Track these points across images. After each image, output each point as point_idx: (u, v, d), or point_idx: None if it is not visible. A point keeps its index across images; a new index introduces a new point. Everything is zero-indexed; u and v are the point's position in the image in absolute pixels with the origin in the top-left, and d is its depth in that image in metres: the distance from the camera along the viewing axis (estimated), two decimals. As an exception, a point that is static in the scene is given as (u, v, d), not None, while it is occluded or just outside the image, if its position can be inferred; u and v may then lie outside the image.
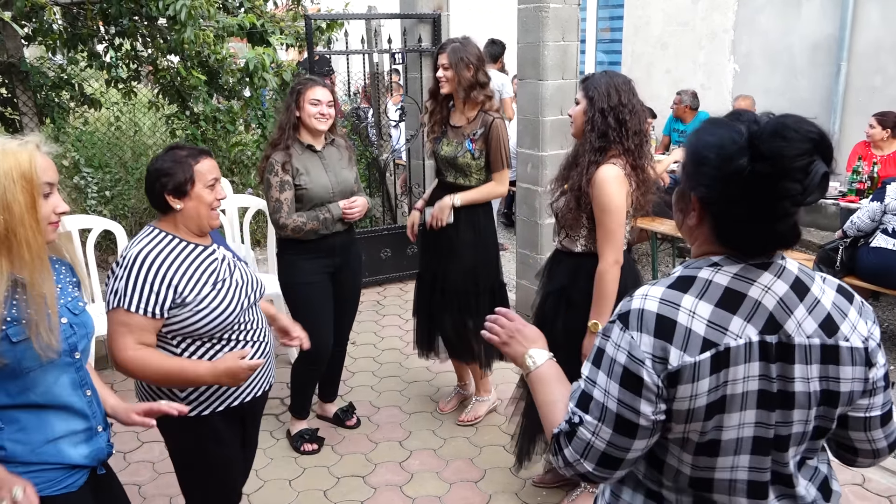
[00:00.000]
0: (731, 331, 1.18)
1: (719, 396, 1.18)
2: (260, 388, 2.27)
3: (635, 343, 1.20)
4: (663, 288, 1.24)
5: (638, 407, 1.19)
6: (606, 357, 1.24)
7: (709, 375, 1.17)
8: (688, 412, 1.19)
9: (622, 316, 1.24)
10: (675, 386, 1.18)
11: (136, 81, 5.22)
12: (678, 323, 1.19)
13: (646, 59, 8.29)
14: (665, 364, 1.17)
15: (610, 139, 2.49)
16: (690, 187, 1.24)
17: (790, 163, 1.11)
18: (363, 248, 5.39)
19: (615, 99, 2.48)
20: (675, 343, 1.18)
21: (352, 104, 7.56)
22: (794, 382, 1.20)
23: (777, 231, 1.17)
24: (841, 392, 1.23)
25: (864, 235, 4.45)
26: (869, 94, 6.41)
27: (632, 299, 1.25)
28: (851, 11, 6.39)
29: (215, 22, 4.61)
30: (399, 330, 4.82)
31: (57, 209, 1.61)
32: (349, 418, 3.63)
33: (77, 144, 5.86)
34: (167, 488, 3.11)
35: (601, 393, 1.23)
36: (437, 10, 5.48)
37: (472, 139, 3.29)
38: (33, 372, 1.59)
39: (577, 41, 4.44)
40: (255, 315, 2.23)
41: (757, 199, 1.14)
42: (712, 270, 1.23)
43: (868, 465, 1.40)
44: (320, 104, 3.08)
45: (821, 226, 6.65)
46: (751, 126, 1.16)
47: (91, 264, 4.00)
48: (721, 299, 1.20)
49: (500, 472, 3.24)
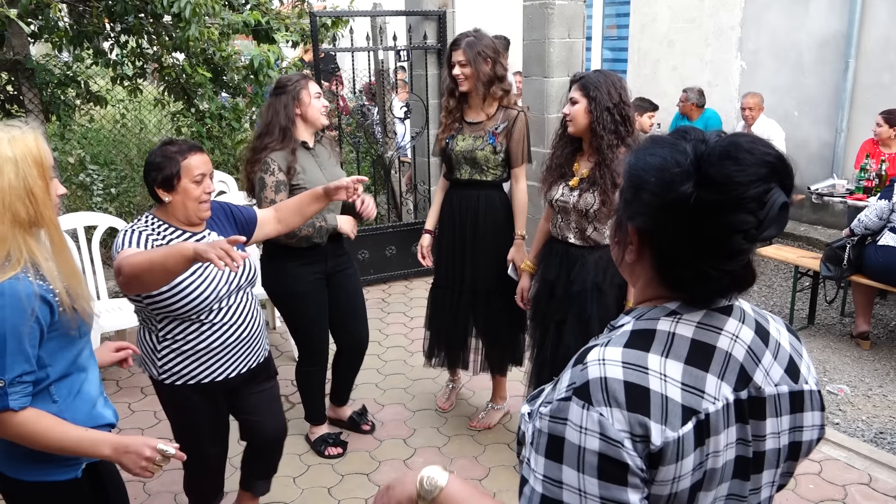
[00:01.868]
0: (708, 392, 0.99)
1: (701, 474, 0.99)
2: (235, 370, 2.40)
3: (606, 421, 0.95)
4: (620, 348, 1.01)
5: (627, 500, 0.94)
6: (569, 446, 0.96)
7: (693, 451, 0.97)
8: (669, 496, 0.97)
9: (579, 390, 0.98)
10: (656, 467, 0.96)
11: (141, 79, 5.21)
12: (651, 390, 0.97)
13: (652, 56, 8.26)
14: (647, 443, 0.95)
15: (621, 134, 2.62)
16: (628, 216, 1.04)
17: (743, 190, 0.93)
18: (368, 245, 5.42)
19: (616, 97, 2.61)
20: (653, 416, 0.95)
21: (357, 101, 7.55)
22: (765, 441, 1.04)
23: (728, 270, 0.98)
24: (803, 442, 1.09)
25: (871, 234, 4.43)
26: (877, 91, 6.37)
27: (585, 367, 1.00)
28: (859, 8, 6.35)
29: (220, 19, 4.61)
30: (404, 328, 4.81)
31: (59, 191, 1.70)
32: (364, 422, 3.56)
33: (83, 142, 5.88)
34: (172, 485, 3.12)
35: (574, 495, 0.95)
36: (443, 6, 5.47)
37: (494, 133, 3.21)
38: (84, 337, 1.73)
39: (583, 38, 4.43)
40: (238, 299, 2.36)
41: (703, 233, 0.96)
42: (671, 320, 1.03)
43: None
44: (321, 97, 3.08)
45: (828, 224, 6.62)
46: (698, 146, 0.98)
47: (97, 261, 4.01)
48: (689, 355, 1.00)
49: (504, 469, 3.23)
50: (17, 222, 1.56)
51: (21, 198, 1.55)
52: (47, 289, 1.59)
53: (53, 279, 1.60)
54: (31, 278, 1.57)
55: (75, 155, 5.35)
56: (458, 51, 3.15)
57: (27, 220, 1.58)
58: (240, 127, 5.23)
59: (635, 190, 1.02)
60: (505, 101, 3.25)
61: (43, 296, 1.57)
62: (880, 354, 4.52)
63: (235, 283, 2.33)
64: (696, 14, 7.77)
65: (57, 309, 1.60)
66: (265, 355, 2.55)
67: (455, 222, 3.37)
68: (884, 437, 3.60)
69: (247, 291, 2.42)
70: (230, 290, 2.32)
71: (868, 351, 4.54)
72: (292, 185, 2.99)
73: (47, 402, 1.66)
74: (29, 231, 1.59)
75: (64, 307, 1.61)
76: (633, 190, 1.02)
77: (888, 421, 3.75)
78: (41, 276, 1.60)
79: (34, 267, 1.59)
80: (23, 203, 1.56)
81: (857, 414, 3.83)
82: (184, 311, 2.23)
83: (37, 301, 1.56)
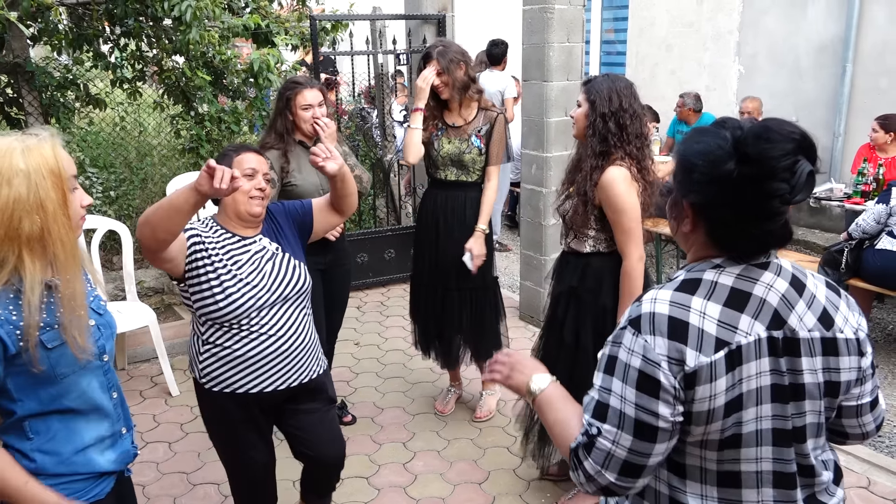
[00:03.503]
0: (741, 329, 1.22)
1: (736, 394, 1.21)
2: (273, 384, 2.28)
3: (649, 346, 1.21)
4: (671, 291, 1.26)
5: (656, 409, 1.20)
6: (620, 363, 1.24)
7: (725, 374, 1.20)
8: (708, 413, 1.21)
9: (633, 321, 1.25)
10: (692, 387, 1.20)
11: (141, 82, 5.20)
12: (690, 324, 1.21)
13: (650, 60, 8.28)
14: (682, 366, 1.19)
15: (610, 144, 2.53)
16: (682, 194, 1.28)
17: (775, 163, 1.16)
18: (367, 249, 5.42)
19: (616, 104, 2.52)
20: (689, 344, 1.20)
21: (356, 105, 7.56)
22: (803, 374, 1.25)
23: (769, 230, 1.21)
24: (841, 382, 1.28)
25: (869, 238, 4.44)
26: (875, 95, 6.39)
27: (640, 304, 1.27)
28: (857, 12, 6.37)
29: (220, 23, 4.61)
30: (403, 331, 4.81)
31: (83, 202, 1.60)
32: (344, 415, 3.64)
33: (82, 144, 5.87)
34: (171, 489, 3.12)
35: (617, 400, 1.23)
36: (442, 10, 5.48)
37: (478, 135, 3.31)
38: (67, 378, 1.56)
39: (583, 42, 4.44)
40: (285, 311, 2.27)
41: (746, 201, 1.19)
42: (715, 272, 1.27)
43: (855, 444, 1.50)
44: (311, 108, 3.06)
45: (826, 228, 6.63)
46: (735, 131, 1.21)
47: (96, 264, 4.00)
48: (728, 299, 1.23)
49: (504, 473, 3.23)
50: (14, 237, 1.46)
51: (29, 212, 1.46)
52: (7, 319, 1.46)
53: (29, 309, 1.47)
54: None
55: (74, 157, 5.33)
56: (431, 62, 3.25)
57: (30, 235, 1.47)
58: (239, 130, 5.22)
59: (687, 172, 1.25)
60: (483, 104, 3.37)
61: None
62: (878, 359, 4.54)
63: (280, 292, 2.25)
64: (694, 18, 7.79)
65: (14, 343, 1.47)
66: (315, 375, 2.40)
67: (439, 220, 3.45)
68: (882, 441, 3.61)
69: (297, 305, 2.32)
70: (274, 299, 2.24)
71: (866, 355, 4.56)
72: (284, 183, 3.10)
73: (21, 437, 1.56)
74: (30, 246, 1.48)
75: (26, 343, 1.47)
76: (685, 172, 1.25)
77: (886, 424, 3.76)
78: (17, 302, 1.48)
79: (16, 291, 1.48)
80: (30, 217, 1.46)
81: (856, 418, 3.83)
82: (224, 316, 2.19)
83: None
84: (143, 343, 4.31)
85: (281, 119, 3.11)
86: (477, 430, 3.59)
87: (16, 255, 1.47)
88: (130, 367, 4.32)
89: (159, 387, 4.05)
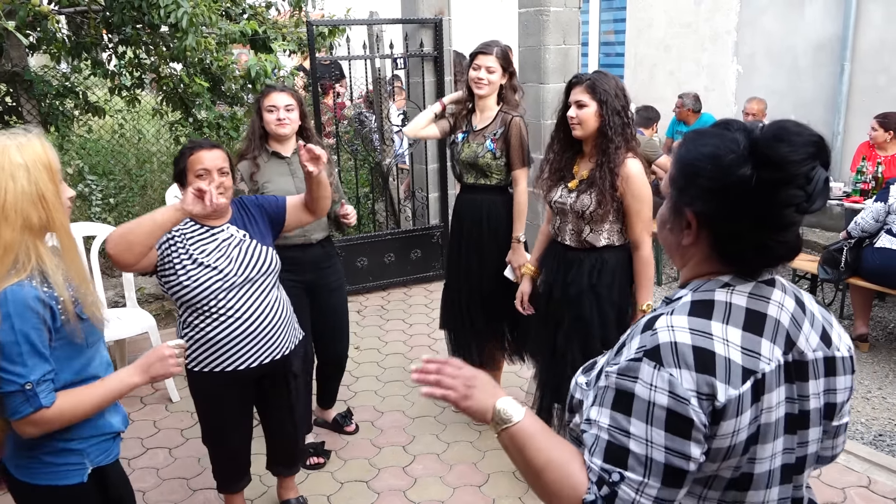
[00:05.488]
0: (764, 355, 1.11)
1: (756, 428, 1.11)
2: (249, 361, 2.47)
3: (676, 381, 1.07)
4: (685, 316, 1.13)
5: (689, 452, 1.07)
6: (639, 401, 1.09)
7: (750, 406, 1.09)
8: (728, 449, 1.10)
9: (650, 352, 1.10)
10: (718, 423, 1.08)
11: (139, 89, 5.22)
12: (717, 354, 1.09)
13: (649, 61, 8.28)
14: (712, 401, 1.07)
15: (627, 137, 2.67)
16: (685, 203, 1.16)
17: (796, 168, 1.06)
18: (367, 253, 5.43)
19: (623, 100, 2.66)
20: (718, 377, 1.07)
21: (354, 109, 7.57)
22: (809, 400, 1.16)
23: (784, 241, 1.11)
24: (837, 403, 1.20)
25: (868, 236, 4.44)
26: (873, 94, 6.39)
27: (655, 332, 1.12)
28: (854, 11, 6.38)
29: (217, 29, 4.63)
30: (403, 335, 4.82)
31: (68, 194, 1.72)
32: (348, 424, 3.62)
33: (81, 152, 5.89)
34: (171, 494, 3.12)
35: (641, 444, 1.08)
36: (439, 14, 5.49)
37: (493, 139, 3.31)
38: (93, 346, 1.75)
39: (579, 44, 4.45)
40: (254, 290, 2.44)
41: (762, 210, 1.08)
42: (726, 292, 1.15)
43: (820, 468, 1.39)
44: (276, 110, 3.04)
45: (825, 226, 6.63)
46: (749, 133, 1.10)
47: (95, 271, 4.01)
48: (745, 322, 1.13)
49: (503, 476, 3.23)
50: (28, 228, 1.59)
51: (34, 203, 1.58)
52: (51, 295, 1.61)
53: (59, 287, 1.62)
54: (36, 284, 1.59)
55: (74, 165, 5.36)
56: (488, 56, 3.25)
57: (39, 225, 1.61)
58: (237, 136, 5.24)
59: (690, 178, 1.13)
60: (505, 107, 3.35)
61: (46, 301, 1.60)
62: (879, 357, 4.53)
63: (246, 274, 2.42)
64: (692, 19, 7.80)
65: (60, 316, 1.62)
66: (288, 350, 2.60)
67: (463, 225, 3.49)
68: (883, 440, 3.60)
69: (264, 285, 2.48)
70: (241, 282, 2.41)
71: (867, 353, 4.55)
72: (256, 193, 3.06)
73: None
74: (40, 236, 1.62)
75: (67, 316, 1.63)
76: (687, 178, 1.14)
77: (887, 423, 3.75)
78: (48, 283, 1.62)
79: (41, 274, 1.61)
80: (35, 208, 1.59)
81: (856, 416, 3.83)
82: (193, 299, 2.37)
83: (42, 305, 1.59)
84: (143, 349, 4.27)
85: (252, 128, 3.14)
86: (476, 434, 3.58)
87: (32, 244, 1.61)
88: (131, 373, 4.32)
89: (159, 393, 4.05)
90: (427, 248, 5.62)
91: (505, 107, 3.34)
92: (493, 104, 3.35)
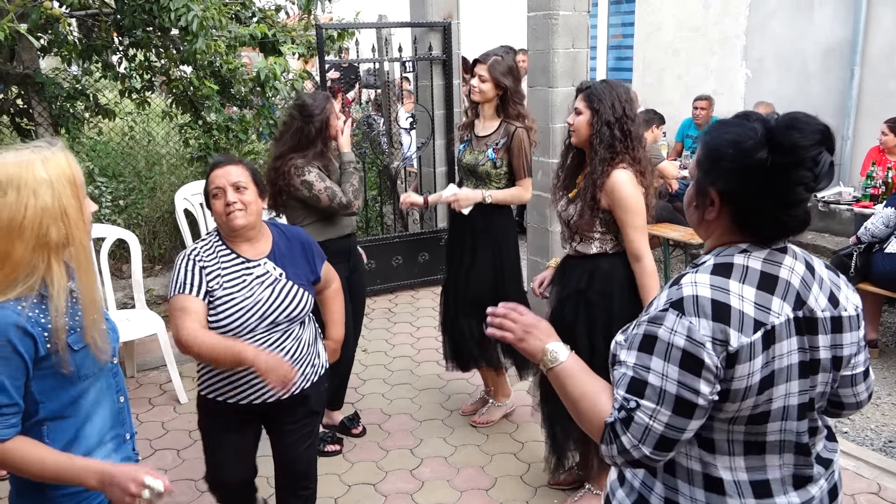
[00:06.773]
0: (774, 310, 1.30)
1: (769, 372, 1.29)
2: (257, 398, 2.35)
3: (694, 327, 1.27)
4: (708, 275, 1.33)
5: (698, 387, 1.27)
6: (660, 342, 1.29)
7: (761, 353, 1.28)
8: (744, 390, 1.28)
9: (675, 303, 1.30)
10: (733, 366, 1.27)
11: (149, 91, 5.25)
12: (732, 306, 1.28)
13: (657, 65, 8.27)
14: (725, 346, 1.26)
15: (617, 150, 2.58)
16: (710, 182, 1.34)
17: (805, 153, 1.25)
18: (374, 255, 5.44)
19: (620, 111, 2.57)
20: (732, 325, 1.27)
21: (363, 112, 7.59)
22: (819, 351, 1.34)
23: (794, 215, 1.30)
24: (843, 356, 1.39)
25: (878, 241, 4.41)
26: (883, 98, 6.36)
27: (681, 287, 1.32)
28: (864, 15, 6.35)
29: (227, 32, 4.64)
30: (410, 338, 4.82)
31: (92, 208, 1.66)
32: (355, 427, 3.62)
33: (91, 154, 5.91)
34: (179, 496, 3.13)
35: (657, 377, 1.29)
36: (448, 18, 5.50)
37: (494, 148, 3.30)
38: (88, 379, 1.62)
39: (587, 48, 4.44)
40: (271, 336, 2.31)
41: (775, 188, 1.27)
42: (744, 256, 1.34)
43: (849, 415, 1.59)
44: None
45: (835, 231, 6.59)
46: (765, 122, 1.29)
47: (105, 273, 4.03)
48: (760, 282, 1.32)
49: (510, 479, 3.23)
50: (43, 245, 1.51)
51: (55, 219, 1.51)
52: (37, 321, 1.51)
53: (56, 313, 1.53)
54: (23, 307, 1.50)
55: (84, 167, 5.39)
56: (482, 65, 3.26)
57: (58, 242, 1.52)
58: (247, 139, 5.25)
59: (714, 161, 1.33)
60: (508, 116, 3.33)
61: (25, 328, 1.48)
62: (889, 363, 4.50)
63: (272, 318, 2.29)
64: (700, 23, 7.78)
65: (43, 345, 1.51)
66: (300, 389, 2.43)
67: (459, 230, 3.49)
68: (893, 447, 3.58)
69: (289, 327, 2.36)
70: (265, 324, 2.29)
71: (877, 359, 4.52)
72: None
73: (38, 440, 1.58)
74: (57, 253, 1.53)
75: (55, 345, 1.52)
76: (712, 161, 1.33)
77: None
78: (44, 306, 1.53)
79: (40, 296, 1.53)
80: (56, 225, 1.51)
81: (866, 423, 3.81)
82: (215, 329, 2.25)
83: (19, 333, 1.48)
84: (151, 351, 4.33)
85: (316, 138, 3.22)
86: (484, 437, 3.58)
87: (45, 262, 1.52)
88: (139, 374, 4.34)
89: (168, 394, 4.07)
90: (434, 251, 5.62)
91: (511, 115, 3.32)
92: (495, 113, 3.35)
